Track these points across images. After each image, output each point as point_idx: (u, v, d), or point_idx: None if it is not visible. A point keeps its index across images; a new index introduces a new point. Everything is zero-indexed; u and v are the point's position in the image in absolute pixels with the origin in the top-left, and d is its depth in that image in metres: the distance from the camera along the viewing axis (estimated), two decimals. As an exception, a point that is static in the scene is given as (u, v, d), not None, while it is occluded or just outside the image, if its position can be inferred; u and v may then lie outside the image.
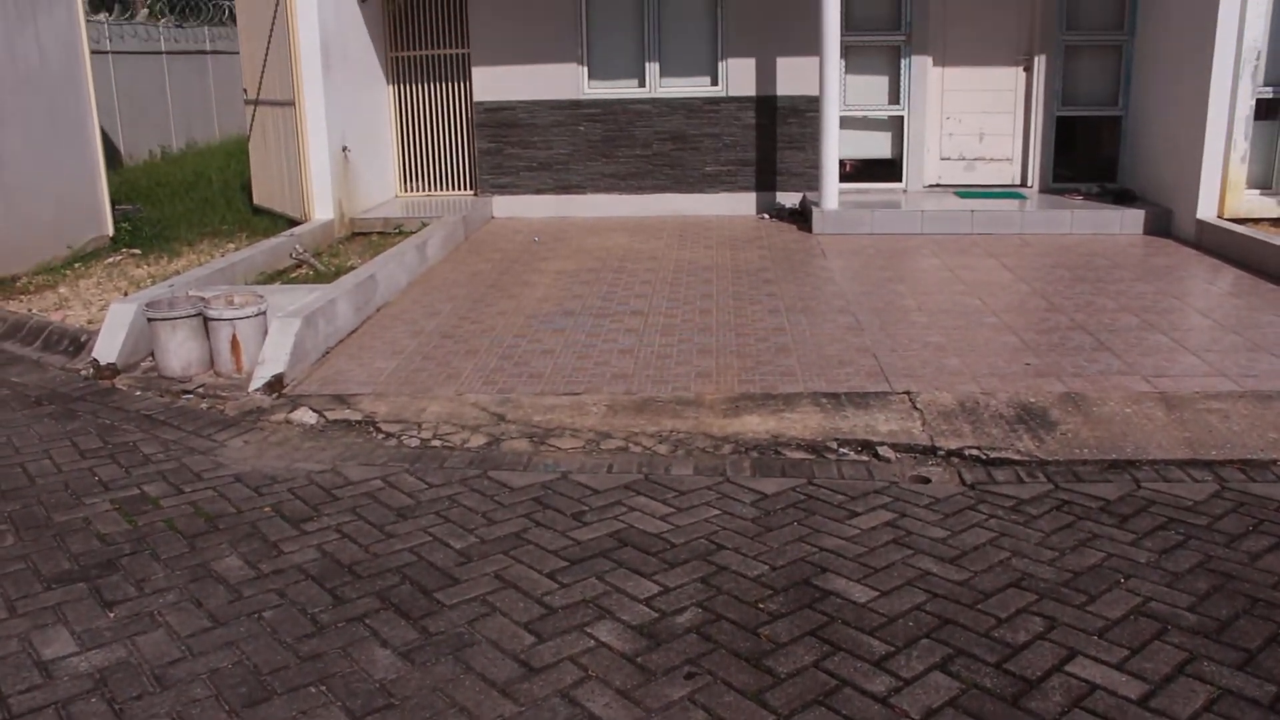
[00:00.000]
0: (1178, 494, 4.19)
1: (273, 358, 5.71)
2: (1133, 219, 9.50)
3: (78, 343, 6.55)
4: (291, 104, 9.49)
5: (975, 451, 4.60)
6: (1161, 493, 4.21)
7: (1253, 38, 9.19)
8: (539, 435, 4.90)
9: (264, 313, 6.02)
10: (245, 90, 11.11)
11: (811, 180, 10.09)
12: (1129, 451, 4.56)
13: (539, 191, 10.72)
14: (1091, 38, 10.34)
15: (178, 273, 8.03)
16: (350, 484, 4.46)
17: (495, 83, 10.55)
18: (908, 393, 5.25)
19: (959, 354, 5.87)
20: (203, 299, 6.16)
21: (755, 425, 4.91)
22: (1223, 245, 8.61)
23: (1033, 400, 5.12)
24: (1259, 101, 9.52)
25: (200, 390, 5.73)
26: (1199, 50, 9.04)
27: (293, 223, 9.70)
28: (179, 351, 5.96)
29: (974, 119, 10.52)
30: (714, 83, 10.46)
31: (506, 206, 10.76)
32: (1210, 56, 8.89)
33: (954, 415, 4.96)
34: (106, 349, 6.12)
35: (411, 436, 4.96)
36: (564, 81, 10.49)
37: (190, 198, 11.76)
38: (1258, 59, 9.30)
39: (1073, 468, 4.45)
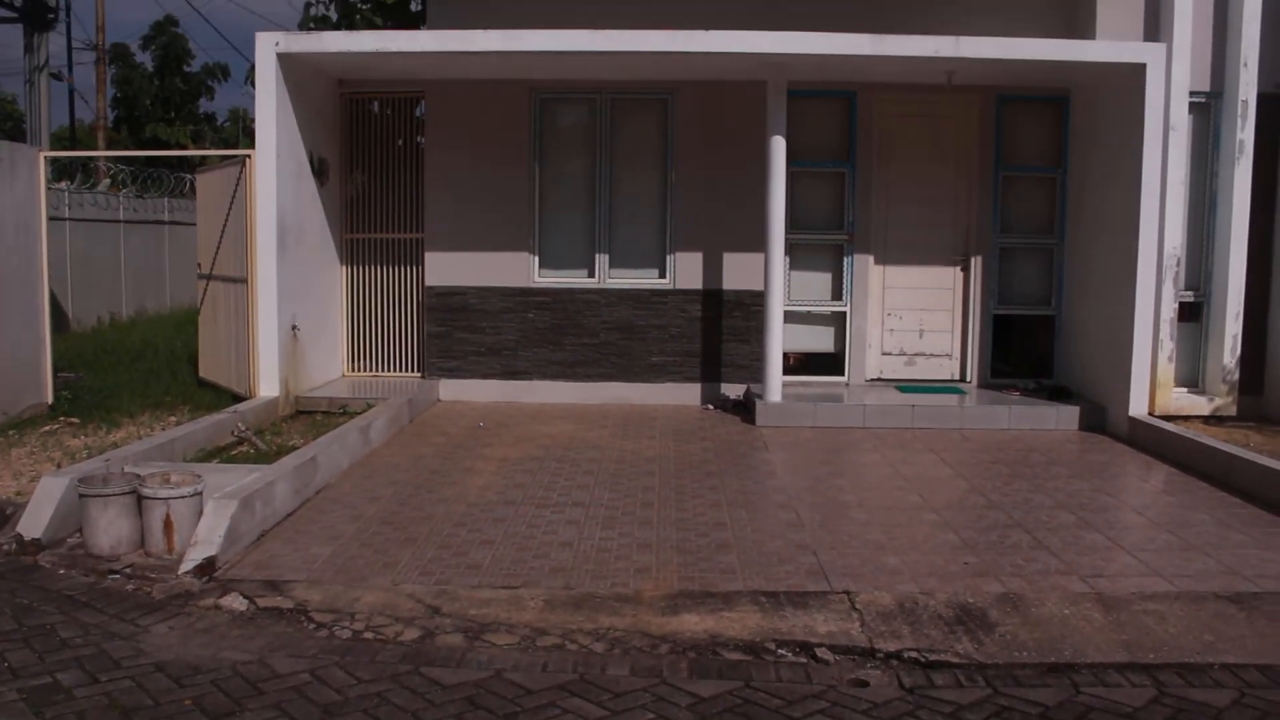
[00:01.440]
0: (1116, 699, 4.17)
1: (206, 540, 5.59)
2: (1068, 415, 9.76)
3: (2, 515, 6.38)
4: (244, 281, 9.60)
5: (914, 654, 4.57)
6: (1100, 698, 4.18)
7: (1172, 245, 9.72)
8: (474, 630, 4.80)
9: (200, 493, 5.93)
10: (199, 265, 11.22)
11: (756, 372, 10.29)
12: (1068, 654, 4.56)
13: (486, 376, 10.80)
14: (1024, 241, 10.86)
15: (116, 445, 7.92)
16: (277, 676, 4.31)
17: (447, 268, 10.76)
18: (847, 592, 5.24)
19: (899, 552, 5.89)
20: (138, 476, 6.06)
21: (693, 624, 4.86)
22: (1155, 442, 8.85)
23: (971, 601, 5.13)
24: (1181, 304, 10.00)
25: (128, 571, 5.57)
26: (1124, 256, 9.53)
27: (237, 398, 9.66)
28: (109, 529, 5.82)
29: (914, 316, 10.88)
30: (662, 275, 10.76)
31: (453, 390, 10.80)
32: (1134, 262, 9.37)
33: (893, 616, 4.95)
34: (32, 524, 5.96)
35: (344, 627, 4.84)
36: (515, 269, 10.73)
37: (136, 367, 11.70)
38: (1178, 265, 9.82)
39: (1012, 671, 4.43)
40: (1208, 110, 10.13)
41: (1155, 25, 9.99)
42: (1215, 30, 10.03)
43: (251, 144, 9.61)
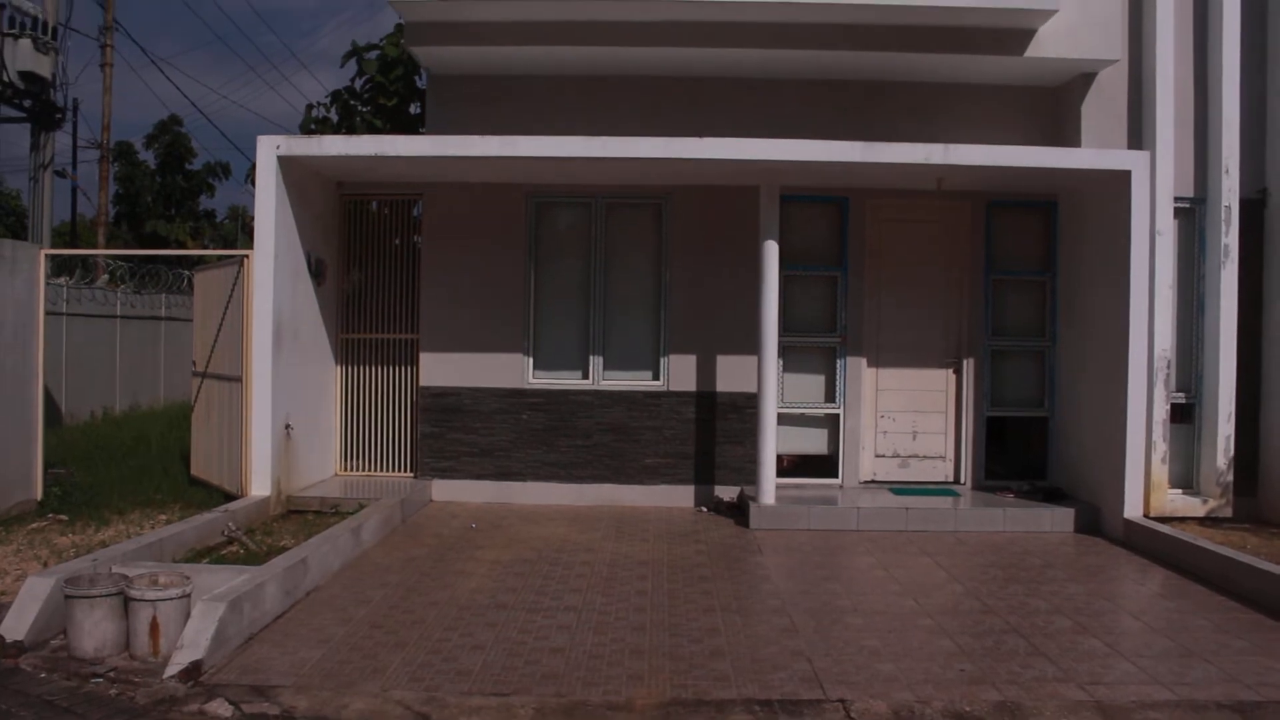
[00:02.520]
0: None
1: (193, 643, 5.51)
2: (1063, 517, 9.73)
3: (-14, 618, 6.28)
4: (239, 380, 9.61)
5: (912, 768, 4.49)
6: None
7: (1162, 348, 9.79)
8: (463, 739, 4.71)
9: (188, 595, 5.86)
10: (194, 362, 11.24)
11: (749, 474, 10.26)
12: (1067, 771, 4.48)
13: (479, 477, 10.76)
14: (1016, 343, 10.96)
15: (104, 543, 7.84)
16: (259, 790, 4.21)
17: (441, 368, 10.81)
18: (842, 701, 5.16)
19: (894, 659, 5.82)
20: (125, 577, 5.99)
21: (687, 734, 4.77)
22: (1150, 545, 8.82)
23: (968, 709, 5.05)
24: (1173, 406, 10.03)
25: (111, 674, 5.47)
26: (1114, 358, 9.60)
27: (229, 496, 9.60)
28: (94, 631, 5.73)
29: (907, 418, 10.89)
30: (655, 377, 10.81)
31: (446, 490, 10.75)
32: (1125, 364, 9.45)
33: (890, 727, 4.87)
34: (15, 626, 5.86)
35: (329, 736, 4.74)
36: (509, 370, 10.77)
37: (127, 463, 11.63)
38: (1168, 367, 9.87)
39: (1011, 788, 4.34)
40: (1193, 215, 10.30)
41: (1139, 133, 10.22)
42: (1197, 138, 10.26)
43: (250, 241, 9.72)
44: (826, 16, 9.77)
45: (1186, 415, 10.30)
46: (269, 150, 9.46)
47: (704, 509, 10.53)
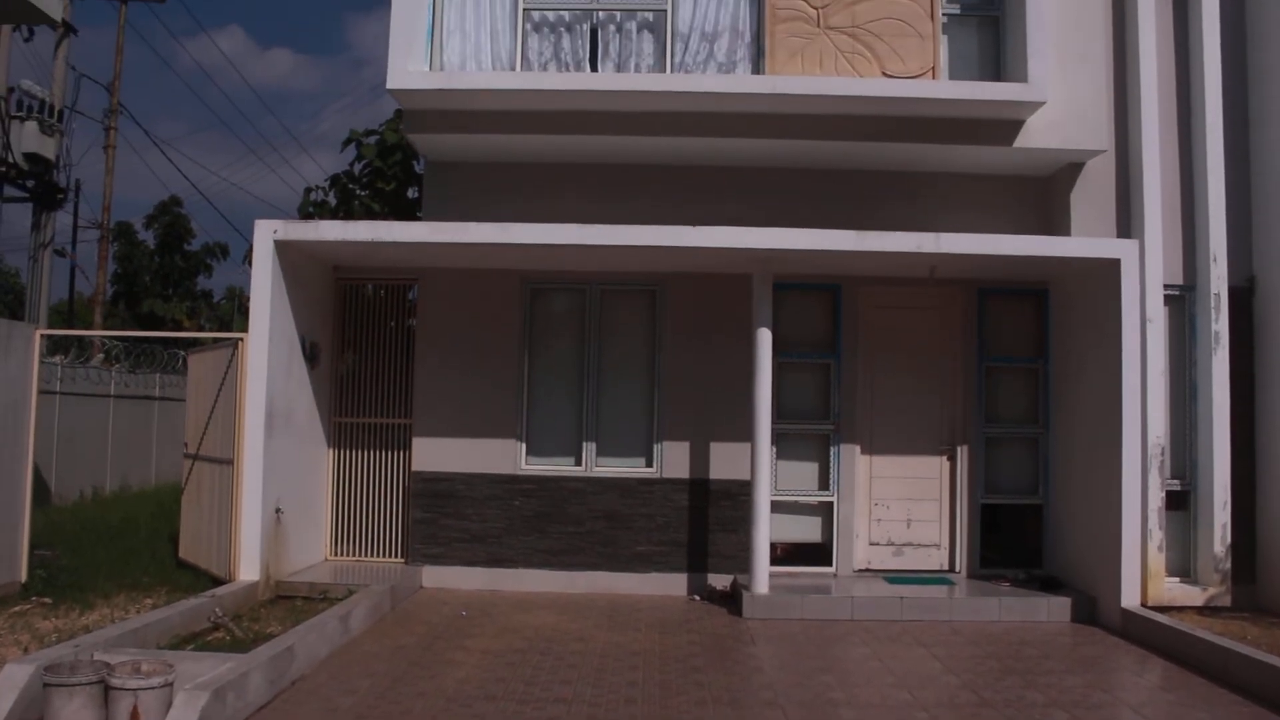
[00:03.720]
0: None
1: (173, 735, 5.41)
2: (1059, 607, 9.64)
3: (-37, 709, 6.16)
4: (230, 463, 9.59)
5: None
6: None
7: (1156, 434, 9.78)
8: (447, 842, 4.59)
9: (170, 683, 5.75)
10: (186, 444, 11.21)
11: (743, 563, 10.17)
12: None
13: (470, 563, 10.65)
14: (1010, 430, 10.95)
15: (87, 628, 7.73)
16: None
17: (435, 453, 10.76)
18: (836, 802, 5.05)
19: (889, 757, 5.71)
20: (107, 664, 5.89)
21: (677, 837, 4.66)
22: (1148, 636, 8.73)
23: (965, 814, 4.95)
24: (1169, 493, 9.99)
25: (88, 771, 5.35)
26: (1108, 445, 9.60)
27: (216, 581, 9.49)
28: (73, 722, 5.62)
29: (901, 505, 10.84)
30: (649, 464, 10.76)
31: (437, 577, 10.63)
32: (1119, 451, 9.46)
33: (884, 830, 4.76)
34: (-9, 718, 5.77)
35: (309, 838, 4.63)
36: (502, 456, 10.73)
37: (115, 545, 11.52)
38: (1163, 454, 9.86)
39: None
40: (1183, 302, 10.38)
41: (1127, 221, 10.34)
42: (1185, 226, 10.39)
43: (246, 322, 9.75)
44: (818, 108, 9.94)
45: (1182, 502, 10.26)
46: (266, 234, 9.55)
47: (697, 597, 10.42)
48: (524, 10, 10.38)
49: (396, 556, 10.94)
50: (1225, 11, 10.44)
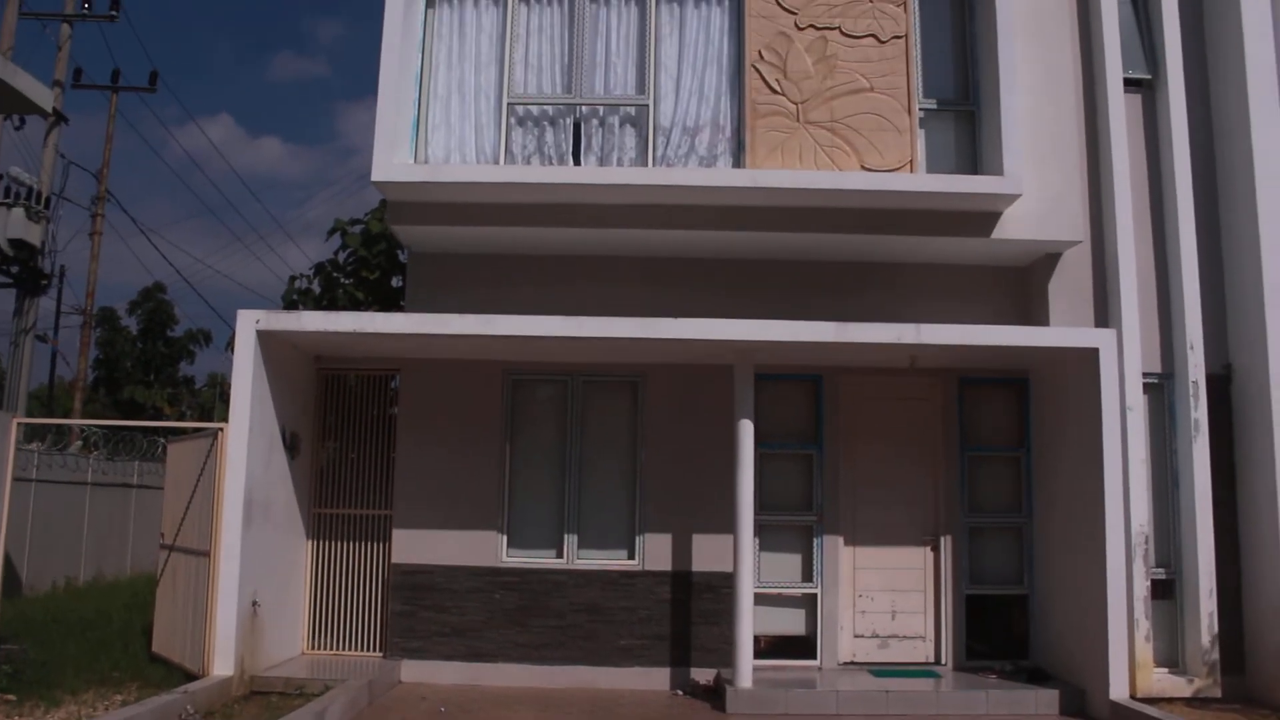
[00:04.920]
0: None
1: None
2: (1047, 700, 9.55)
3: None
4: (206, 554, 9.45)
5: None
6: None
7: (1139, 523, 9.78)
8: None
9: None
10: (163, 534, 11.06)
11: (726, 656, 10.01)
12: None
13: (450, 657, 10.46)
14: (993, 520, 10.91)
15: (52, 731, 7.54)
16: None
17: (414, 545, 10.63)
18: None
19: None
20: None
21: None
22: (1138, 730, 8.61)
23: None
24: (1154, 582, 9.95)
25: None
26: (1091, 534, 9.57)
27: (190, 676, 9.29)
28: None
29: (886, 597, 10.74)
30: (631, 556, 10.66)
31: (416, 671, 10.43)
32: (1103, 540, 9.42)
33: None
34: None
35: None
36: (483, 548, 10.61)
37: (86, 637, 11.26)
38: (1146, 543, 9.84)
39: None
40: (1162, 390, 10.45)
41: (1105, 311, 10.45)
42: (1161, 315, 10.51)
43: (227, 409, 9.69)
44: (798, 201, 10.05)
45: (1168, 591, 10.21)
46: (248, 324, 9.55)
47: (680, 692, 10.24)
48: (508, 105, 10.53)
49: (375, 650, 10.74)
50: (1192, 105, 10.72)
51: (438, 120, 10.56)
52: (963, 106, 10.66)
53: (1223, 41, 10.83)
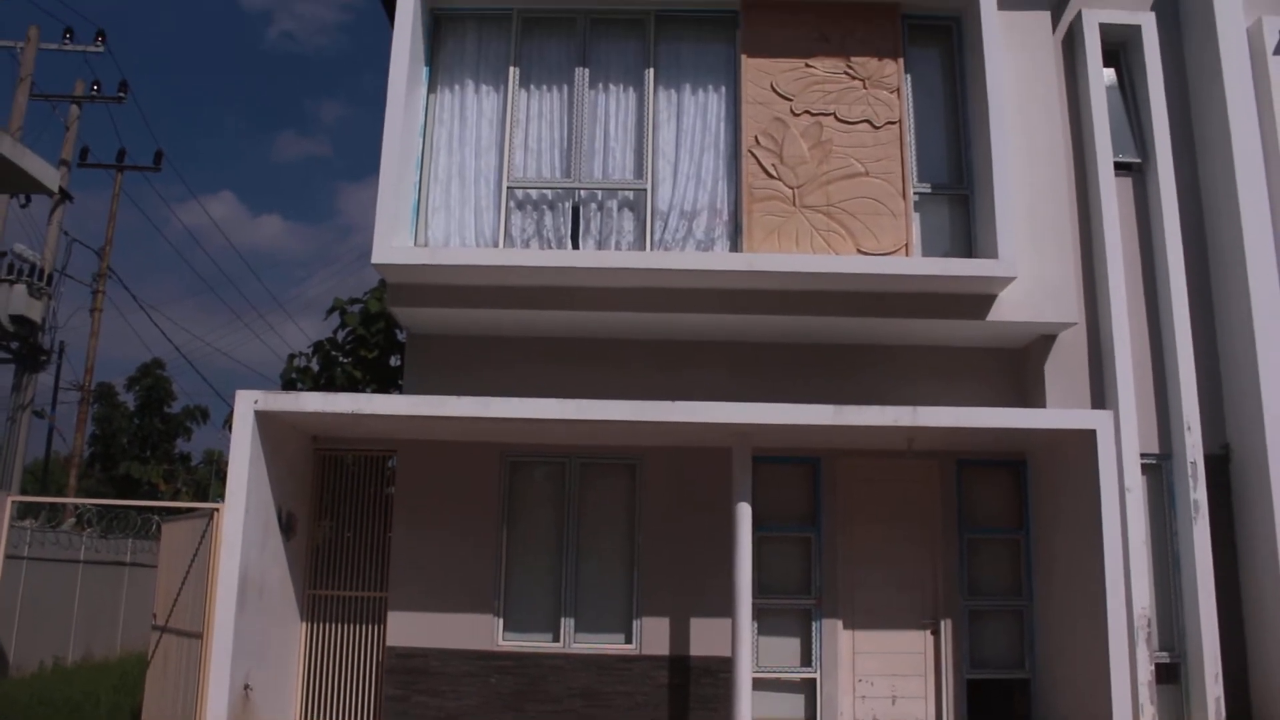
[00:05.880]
0: None
1: None
2: (1052, 786, 9.37)
3: None
4: (199, 636, 9.35)
5: None
6: None
7: (1142, 606, 9.69)
8: None
9: None
10: (154, 615, 10.96)
11: (725, 742, 9.87)
12: None
13: (443, 745, 10.31)
14: (993, 603, 10.81)
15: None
16: None
17: (410, 628, 10.51)
18: None
19: None
20: None
21: None
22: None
23: None
24: (1158, 665, 9.83)
25: None
26: (1093, 617, 9.45)
27: (178, 764, 9.16)
28: None
29: (886, 682, 10.59)
30: (628, 640, 10.53)
31: (409, 756, 10.28)
32: (1104, 623, 9.28)
33: None
34: None
35: None
36: (479, 631, 10.49)
37: (72, 720, 11.12)
38: (1149, 626, 9.73)
39: None
40: (1160, 471, 10.46)
41: (1101, 392, 10.49)
42: (1157, 395, 10.56)
43: (223, 487, 9.65)
44: (795, 285, 10.13)
45: (1173, 675, 10.10)
46: (247, 405, 9.53)
47: (678, 781, 10.08)
48: (508, 189, 10.66)
49: (368, 736, 10.58)
50: (1182, 188, 10.90)
51: (438, 203, 10.68)
52: (957, 190, 10.79)
53: (1209, 126, 11.04)
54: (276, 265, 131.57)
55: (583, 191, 10.71)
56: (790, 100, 10.62)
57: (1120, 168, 10.95)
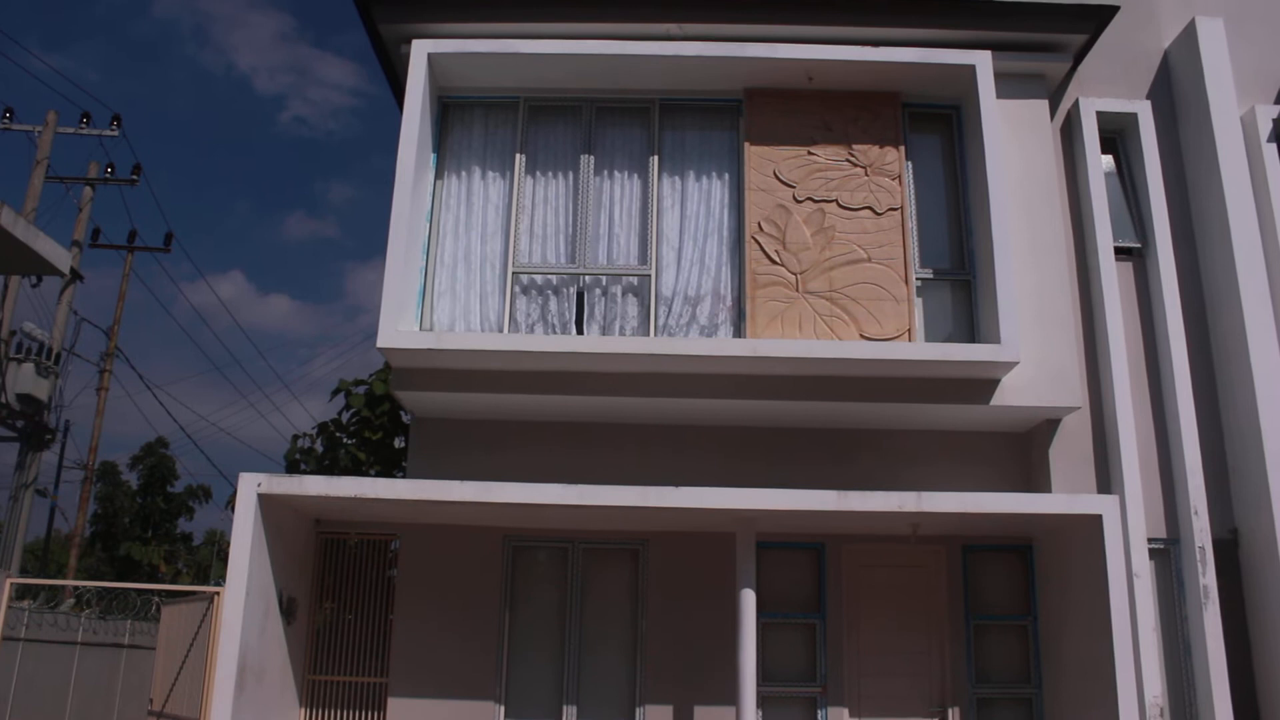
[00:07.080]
0: None
1: None
2: None
3: None
4: (196, 724, 9.23)
5: None
6: None
7: (1153, 694, 9.50)
8: None
9: None
10: (151, 700, 10.83)
11: (730, 836, 9.65)
12: None
13: (442, 834, 10.09)
14: (1001, 690, 10.61)
15: None
16: None
17: (410, 715, 10.33)
18: None
19: None
20: None
21: None
22: None
23: None
24: (1173, 756, 9.64)
25: None
26: (1103, 706, 9.24)
27: None
28: None
29: (893, 772, 10.41)
30: (631, 730, 10.40)
31: None
32: (1115, 711, 9.05)
33: None
34: None
35: None
36: (479, 718, 10.32)
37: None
38: (1161, 715, 9.54)
39: None
40: (1168, 556, 10.36)
41: (1106, 476, 10.43)
42: (1164, 479, 10.50)
43: (224, 568, 9.59)
44: (798, 370, 10.15)
45: (1190, 771, 9.89)
46: (250, 488, 9.50)
47: None
48: (513, 274, 10.76)
49: (365, 828, 10.37)
50: (1183, 271, 10.96)
51: (443, 288, 10.78)
52: (959, 275, 10.86)
53: (1207, 210, 11.15)
54: (283, 345, 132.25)
55: (587, 277, 10.81)
56: (793, 187, 10.75)
57: (1120, 252, 11.04)
